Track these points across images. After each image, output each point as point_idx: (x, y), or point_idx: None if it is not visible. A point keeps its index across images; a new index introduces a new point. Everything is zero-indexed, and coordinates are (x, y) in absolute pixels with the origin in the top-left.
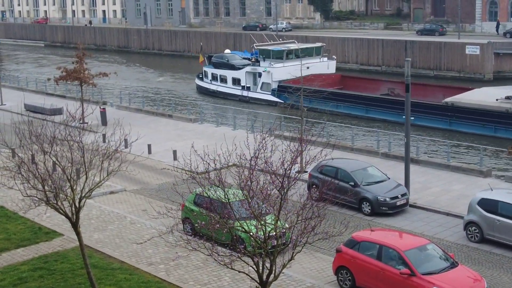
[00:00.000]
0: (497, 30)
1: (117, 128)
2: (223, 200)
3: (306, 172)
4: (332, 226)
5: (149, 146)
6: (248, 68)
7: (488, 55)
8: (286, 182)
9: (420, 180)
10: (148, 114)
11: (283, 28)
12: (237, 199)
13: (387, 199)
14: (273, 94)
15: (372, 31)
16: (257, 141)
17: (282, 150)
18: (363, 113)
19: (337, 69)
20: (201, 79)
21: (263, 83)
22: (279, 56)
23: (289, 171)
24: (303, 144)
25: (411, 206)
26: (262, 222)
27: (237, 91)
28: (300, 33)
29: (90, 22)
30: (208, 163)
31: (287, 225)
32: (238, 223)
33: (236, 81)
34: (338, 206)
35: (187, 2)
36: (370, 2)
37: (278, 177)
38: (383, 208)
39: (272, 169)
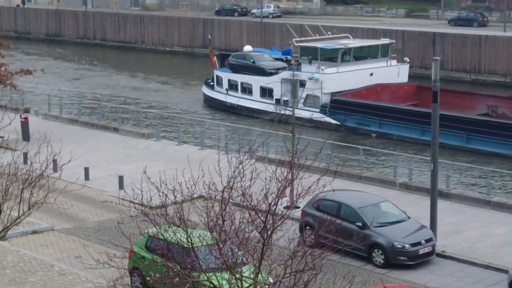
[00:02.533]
0: None
1: (44, 145)
2: (185, 245)
3: (298, 208)
4: (332, 282)
5: (86, 170)
6: (284, 74)
7: None
8: (271, 222)
9: (451, 220)
10: (86, 126)
11: (270, 13)
12: (204, 243)
13: (407, 245)
14: (323, 112)
15: (390, 19)
16: (232, 166)
17: (266, 179)
18: (463, 142)
19: None
20: (212, 87)
21: (308, 95)
22: (332, 57)
23: (274, 206)
24: (294, 171)
25: (438, 255)
26: (238, 275)
27: (268, 106)
28: (292, 21)
29: (23, 2)
30: (166, 195)
31: (271, 280)
32: (205, 276)
33: (266, 92)
34: (340, 255)
35: None
36: None
37: (259, 215)
38: (401, 257)
39: (252, 203)
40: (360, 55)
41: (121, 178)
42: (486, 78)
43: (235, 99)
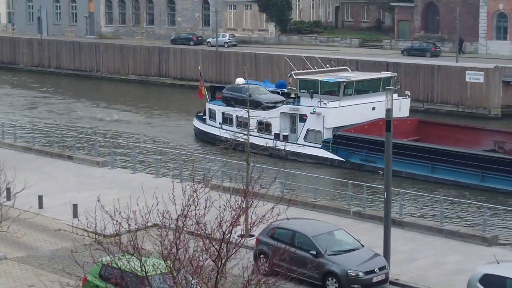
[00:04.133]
0: (460, 49)
1: None
2: (139, 274)
3: (253, 236)
4: None
5: (40, 198)
6: (284, 108)
7: (495, 84)
8: (225, 250)
9: (404, 248)
10: (40, 154)
11: (225, 42)
12: (158, 272)
13: (360, 273)
14: (325, 148)
15: (344, 49)
16: (187, 194)
17: (220, 207)
18: (477, 180)
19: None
20: (203, 120)
21: (309, 130)
22: (333, 90)
23: (228, 235)
24: (249, 199)
25: (391, 283)
26: None
27: (266, 141)
28: (248, 49)
29: None
30: (120, 223)
31: None
32: None
33: (264, 127)
34: (294, 283)
35: (96, 5)
36: (341, 12)
37: (214, 243)
38: (355, 286)
39: (206, 232)
40: (362, 88)
41: (75, 207)
42: (439, 107)
43: (231, 133)
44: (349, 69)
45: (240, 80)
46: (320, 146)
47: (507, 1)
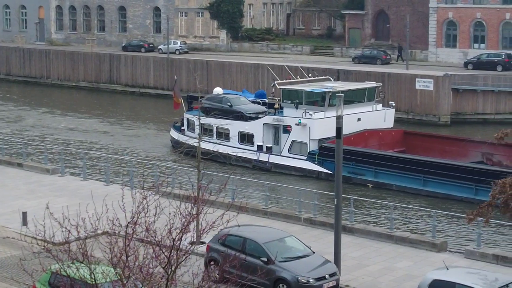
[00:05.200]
0: (399, 55)
1: None
2: (89, 281)
3: (204, 243)
4: None
5: None
6: (267, 119)
7: (445, 91)
8: (175, 257)
9: (354, 255)
10: None
11: (177, 49)
12: (108, 279)
13: (311, 280)
14: (311, 160)
15: (296, 56)
16: (136, 201)
17: (170, 214)
18: (471, 194)
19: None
20: (182, 131)
21: (293, 141)
22: (318, 101)
23: (178, 242)
24: (199, 206)
25: None
26: None
27: (249, 153)
28: (199, 57)
29: None
30: (69, 231)
31: None
32: None
33: (246, 138)
34: None
35: (47, 12)
36: (292, 19)
37: (163, 250)
38: None
39: (156, 239)
40: (347, 98)
41: (24, 214)
42: None
43: (210, 145)
44: (331, 79)
45: (218, 90)
46: (305, 158)
47: (456, 9)
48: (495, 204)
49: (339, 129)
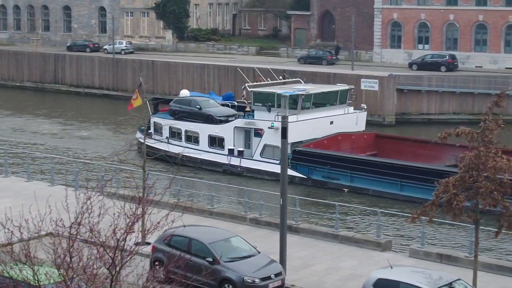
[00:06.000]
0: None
1: None
2: (32, 282)
3: (149, 244)
4: None
5: None
6: (238, 122)
7: (389, 91)
8: (119, 258)
9: (300, 255)
10: None
11: (122, 49)
12: (52, 281)
13: (256, 280)
14: None
15: (241, 57)
16: (80, 202)
17: (114, 214)
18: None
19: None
20: (149, 134)
21: (266, 145)
22: (291, 104)
23: (123, 242)
24: (145, 206)
25: None
26: None
27: (219, 157)
28: (145, 57)
29: None
30: (12, 232)
31: None
32: None
33: (216, 142)
34: None
35: None
36: (238, 20)
37: (108, 251)
38: None
39: (100, 239)
40: (319, 101)
41: None
42: None
43: (179, 148)
44: (302, 81)
45: (184, 92)
46: (278, 162)
47: (401, 10)
48: (439, 203)
49: (284, 129)
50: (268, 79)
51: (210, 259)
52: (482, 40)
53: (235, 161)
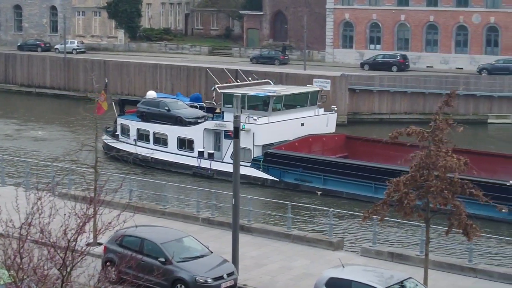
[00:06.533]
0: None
1: None
2: None
3: (101, 244)
4: None
5: None
6: (208, 124)
7: (342, 91)
8: (70, 258)
9: (252, 254)
10: None
11: (74, 49)
12: (2, 282)
13: (209, 280)
14: (255, 166)
15: (194, 57)
16: (31, 202)
17: (65, 215)
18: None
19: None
20: (116, 136)
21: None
22: (260, 105)
23: (74, 243)
24: (96, 207)
25: None
26: None
27: (189, 160)
28: (97, 56)
29: None
30: None
31: None
32: None
33: (185, 144)
34: None
35: None
36: (191, 19)
37: (58, 251)
38: None
39: (51, 240)
40: (290, 103)
41: None
42: None
43: (147, 151)
44: (271, 82)
45: (151, 93)
46: (249, 164)
47: (352, 10)
48: (390, 202)
49: (236, 129)
50: (238, 80)
51: (162, 259)
52: (433, 41)
53: (205, 163)
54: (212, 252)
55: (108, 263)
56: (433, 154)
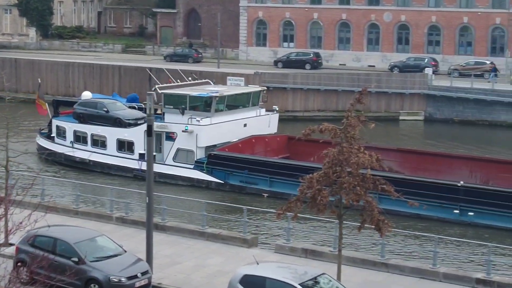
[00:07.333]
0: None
1: None
2: None
3: (12, 245)
4: None
5: None
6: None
7: None
8: None
9: (166, 253)
10: None
11: None
12: None
13: (123, 279)
14: (199, 168)
15: (107, 55)
16: None
17: None
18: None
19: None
20: (52, 138)
21: (179, 149)
22: (201, 106)
23: None
24: (7, 206)
25: (154, 287)
26: None
27: (129, 162)
28: (8, 55)
29: None
30: None
31: None
32: None
33: (125, 146)
34: None
35: None
36: (104, 17)
37: None
38: None
39: None
40: (232, 103)
41: None
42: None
43: (85, 153)
44: (211, 82)
45: (86, 94)
46: (192, 167)
47: (266, 8)
48: (304, 199)
49: (149, 127)
50: (178, 80)
51: (76, 259)
52: (345, 39)
53: (145, 166)
54: (126, 251)
55: (19, 264)
56: (345, 151)
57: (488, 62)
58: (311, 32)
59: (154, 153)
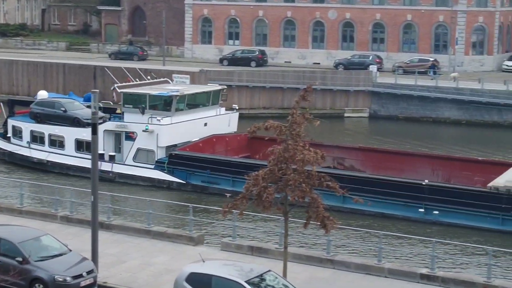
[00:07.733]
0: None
1: None
2: None
3: None
4: None
5: None
6: (108, 125)
7: None
8: None
9: (112, 251)
10: None
11: None
12: None
13: (68, 278)
14: (160, 168)
15: (51, 53)
16: None
17: None
18: (339, 202)
19: None
20: (8, 138)
21: (139, 149)
22: (160, 105)
23: None
24: None
25: (100, 286)
26: None
27: (89, 162)
28: None
29: None
30: None
31: None
32: None
33: (84, 146)
34: None
35: None
36: (48, 15)
37: None
38: None
39: None
40: (193, 102)
41: None
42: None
43: (43, 154)
44: (170, 81)
45: (42, 93)
46: (153, 167)
47: (211, 6)
48: (249, 196)
49: (94, 125)
50: (137, 79)
51: (20, 259)
52: (290, 36)
53: (106, 166)
54: (71, 250)
55: None
56: (291, 148)
57: (431, 59)
58: (256, 30)
59: (114, 153)
